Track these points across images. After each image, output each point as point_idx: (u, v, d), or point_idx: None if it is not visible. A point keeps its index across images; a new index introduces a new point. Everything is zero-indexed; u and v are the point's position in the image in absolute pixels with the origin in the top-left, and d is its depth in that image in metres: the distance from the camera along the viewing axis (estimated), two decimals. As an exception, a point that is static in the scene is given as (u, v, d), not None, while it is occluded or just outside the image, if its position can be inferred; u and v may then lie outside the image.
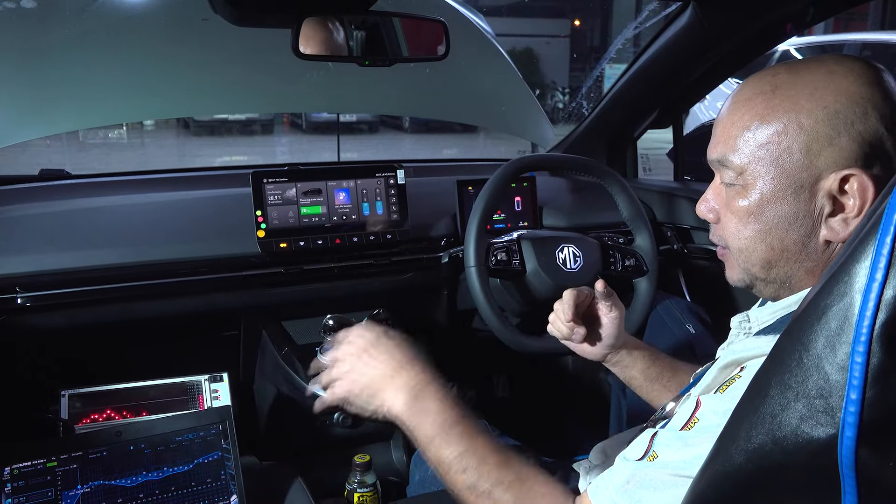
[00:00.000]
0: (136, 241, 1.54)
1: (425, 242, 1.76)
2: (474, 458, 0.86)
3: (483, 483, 0.85)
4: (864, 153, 0.72)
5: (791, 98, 0.75)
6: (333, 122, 10.30)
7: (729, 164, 0.80)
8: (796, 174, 0.75)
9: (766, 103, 0.77)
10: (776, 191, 0.76)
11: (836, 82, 0.74)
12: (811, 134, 0.74)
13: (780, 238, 0.78)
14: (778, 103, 0.76)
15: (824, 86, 0.74)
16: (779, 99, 0.76)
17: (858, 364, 0.46)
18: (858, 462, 0.46)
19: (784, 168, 0.75)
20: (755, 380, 0.57)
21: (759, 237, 0.79)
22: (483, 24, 2.17)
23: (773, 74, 0.78)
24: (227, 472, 1.24)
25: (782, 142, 0.75)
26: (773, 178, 0.76)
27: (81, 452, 1.18)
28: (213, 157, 10.91)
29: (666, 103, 1.99)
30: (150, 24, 1.85)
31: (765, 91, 0.77)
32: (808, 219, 0.76)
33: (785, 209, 0.76)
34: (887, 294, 0.45)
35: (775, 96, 0.76)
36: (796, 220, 0.76)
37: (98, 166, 8.69)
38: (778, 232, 0.78)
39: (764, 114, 0.76)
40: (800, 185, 0.75)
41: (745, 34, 1.62)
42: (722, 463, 0.58)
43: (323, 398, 1.06)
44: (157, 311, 1.55)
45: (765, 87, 0.78)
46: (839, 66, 0.75)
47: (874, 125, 0.72)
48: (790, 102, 0.75)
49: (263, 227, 1.58)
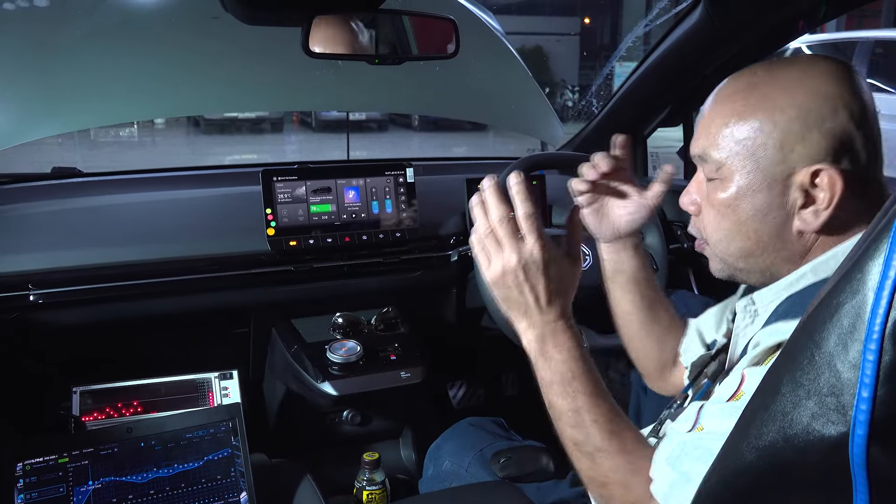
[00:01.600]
0: (146, 238, 1.55)
1: (434, 241, 1.77)
2: (587, 416, 0.85)
3: (588, 444, 0.85)
4: (834, 149, 0.76)
5: (767, 96, 0.79)
6: (343, 121, 10.31)
7: (709, 158, 0.83)
8: (770, 168, 0.79)
9: (743, 101, 0.81)
10: (752, 184, 0.80)
11: (808, 82, 0.78)
12: (784, 131, 0.77)
13: (755, 229, 0.82)
14: (755, 101, 0.80)
15: (797, 85, 0.78)
16: (755, 97, 0.80)
17: (870, 362, 0.46)
18: (870, 460, 0.46)
19: (759, 163, 0.79)
20: (767, 377, 0.57)
21: (736, 228, 0.83)
22: (493, 21, 2.17)
23: (752, 73, 0.83)
24: (236, 469, 1.25)
25: (758, 138, 0.79)
26: (749, 172, 0.80)
27: (93, 449, 1.19)
28: (223, 156, 10.95)
29: (676, 101, 1.98)
30: (161, 23, 1.86)
31: (742, 89, 0.82)
32: (781, 211, 0.80)
33: (760, 201, 0.80)
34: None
35: (752, 94, 0.80)
36: (770, 211, 0.80)
37: (109, 164, 8.73)
38: (753, 223, 0.82)
39: (741, 111, 0.80)
40: (774, 179, 0.79)
41: (756, 32, 1.61)
42: (733, 460, 0.57)
43: None
44: (168, 309, 1.56)
45: (742, 86, 0.82)
46: (812, 67, 0.80)
47: (844, 122, 0.76)
48: (766, 101, 0.79)
49: (273, 225, 1.58)
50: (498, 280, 0.87)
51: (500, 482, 1.26)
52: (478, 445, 1.35)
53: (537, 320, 0.87)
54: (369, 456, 1.54)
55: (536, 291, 0.86)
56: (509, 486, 1.25)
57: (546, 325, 0.87)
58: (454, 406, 2.14)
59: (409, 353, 1.64)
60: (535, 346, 0.88)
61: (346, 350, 1.58)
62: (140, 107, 2.09)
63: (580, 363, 0.87)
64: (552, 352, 0.87)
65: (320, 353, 1.59)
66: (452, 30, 1.37)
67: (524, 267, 0.85)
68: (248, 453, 1.26)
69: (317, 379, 1.55)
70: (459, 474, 1.32)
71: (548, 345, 0.87)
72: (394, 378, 1.58)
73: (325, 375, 1.55)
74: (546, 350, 0.87)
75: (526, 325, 0.88)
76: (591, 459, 0.85)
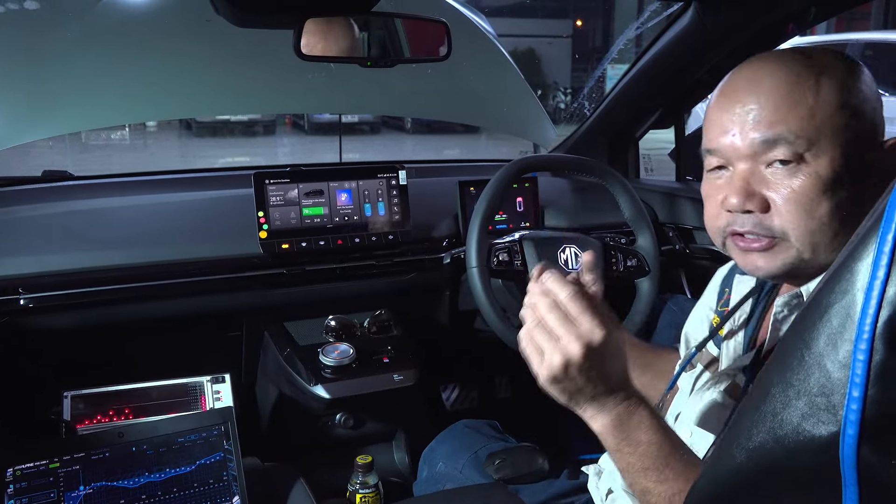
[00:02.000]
0: (138, 241, 1.54)
1: (427, 243, 1.77)
2: None
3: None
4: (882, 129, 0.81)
5: (836, 78, 0.79)
6: (335, 123, 10.28)
7: (791, 140, 0.78)
8: (869, 142, 0.79)
9: (817, 81, 0.78)
10: (849, 166, 0.77)
11: (845, 67, 0.80)
12: (863, 106, 0.79)
13: (849, 214, 0.77)
14: (830, 83, 0.78)
15: (843, 69, 0.80)
16: (828, 78, 0.79)
17: (860, 362, 0.46)
18: (860, 460, 0.46)
19: (855, 136, 0.78)
20: (758, 378, 0.57)
21: (833, 214, 0.77)
22: (485, 24, 2.17)
23: (798, 59, 0.81)
24: (229, 473, 1.25)
25: (844, 114, 0.78)
26: (845, 153, 0.77)
27: (84, 454, 1.18)
28: (215, 158, 10.92)
29: (668, 103, 1.99)
30: (153, 26, 1.86)
31: (810, 73, 0.79)
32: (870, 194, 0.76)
33: (855, 186, 0.77)
34: (889, 291, 0.45)
35: (822, 75, 0.79)
36: (862, 195, 0.77)
37: (100, 167, 8.70)
38: (849, 208, 0.77)
39: (822, 91, 0.78)
40: (867, 161, 0.78)
41: (746, 34, 1.62)
42: (723, 461, 0.57)
43: None
44: (160, 312, 1.55)
45: (801, 70, 0.80)
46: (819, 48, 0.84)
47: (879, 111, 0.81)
48: (835, 81, 0.78)
49: (265, 228, 1.58)
50: (560, 374, 0.75)
51: (494, 484, 1.26)
52: (472, 447, 1.35)
53: (609, 404, 0.77)
54: (362, 459, 1.53)
55: (605, 374, 0.76)
56: (503, 487, 1.25)
57: (619, 405, 0.77)
58: (447, 408, 2.14)
59: (402, 356, 1.64)
60: (613, 431, 0.77)
61: (338, 353, 1.58)
62: (131, 110, 2.09)
63: (669, 439, 0.77)
64: (637, 434, 0.77)
65: (313, 356, 1.58)
66: (444, 32, 1.38)
67: (588, 353, 0.74)
68: (240, 457, 1.26)
69: (309, 382, 1.54)
70: (454, 476, 1.32)
71: (629, 428, 0.77)
72: (387, 381, 1.58)
73: (318, 378, 1.54)
74: (629, 434, 0.77)
75: (596, 410, 0.78)
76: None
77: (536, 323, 0.76)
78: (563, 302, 0.75)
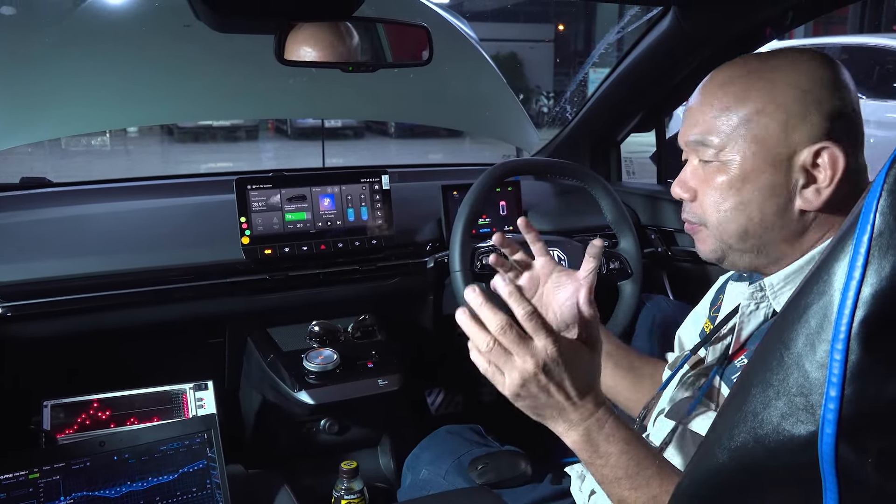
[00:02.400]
0: (119, 248, 1.53)
1: (411, 247, 1.76)
2: (666, 496, 0.76)
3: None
4: (833, 128, 0.80)
5: (766, 79, 0.83)
6: (319, 128, 10.28)
7: (709, 143, 0.85)
8: (774, 149, 0.82)
9: (743, 85, 0.84)
10: (756, 165, 0.83)
11: (802, 66, 0.82)
12: (787, 111, 0.81)
13: (758, 208, 0.84)
14: (755, 85, 0.83)
15: (793, 69, 0.82)
16: (755, 80, 0.83)
17: (837, 361, 0.46)
18: (838, 459, 0.46)
19: (763, 144, 0.82)
20: (739, 379, 0.58)
21: (740, 208, 0.85)
22: (467, 28, 2.18)
23: (745, 62, 0.86)
24: (212, 481, 1.24)
25: (760, 120, 0.82)
26: (752, 154, 0.83)
27: (64, 463, 1.17)
28: (197, 164, 10.86)
29: (649, 107, 2.01)
30: (132, 31, 1.84)
31: (741, 75, 0.85)
32: (784, 190, 0.82)
33: (763, 182, 0.83)
34: (865, 292, 0.46)
35: (751, 78, 0.84)
36: (774, 191, 0.83)
37: (81, 174, 8.60)
38: (757, 203, 0.84)
39: (742, 95, 0.83)
40: (777, 159, 0.82)
41: (725, 38, 1.63)
42: (706, 462, 0.58)
43: None
44: (141, 319, 1.54)
45: (739, 72, 0.85)
46: (801, 54, 0.84)
47: (839, 104, 0.81)
48: (766, 83, 0.82)
49: (248, 234, 1.57)
50: (520, 391, 0.79)
51: (478, 488, 1.26)
52: (455, 453, 1.35)
53: (576, 418, 0.80)
54: (347, 464, 1.53)
55: (565, 388, 0.79)
56: (487, 492, 1.25)
57: (587, 419, 0.80)
58: (432, 413, 2.13)
59: (387, 361, 1.63)
60: (584, 445, 0.81)
61: (322, 358, 1.58)
62: (112, 115, 2.07)
63: (639, 447, 0.81)
64: (606, 447, 0.80)
65: (297, 361, 1.58)
66: (426, 37, 1.38)
67: (544, 368, 0.77)
68: (223, 465, 1.25)
69: (293, 388, 1.53)
70: (437, 482, 1.31)
71: (598, 440, 0.80)
72: (371, 386, 1.57)
73: (302, 384, 1.54)
74: (598, 446, 0.80)
75: (565, 427, 0.81)
76: None
77: (491, 344, 0.79)
78: (520, 319, 0.78)
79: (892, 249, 0.45)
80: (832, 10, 1.53)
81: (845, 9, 13.31)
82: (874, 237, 0.45)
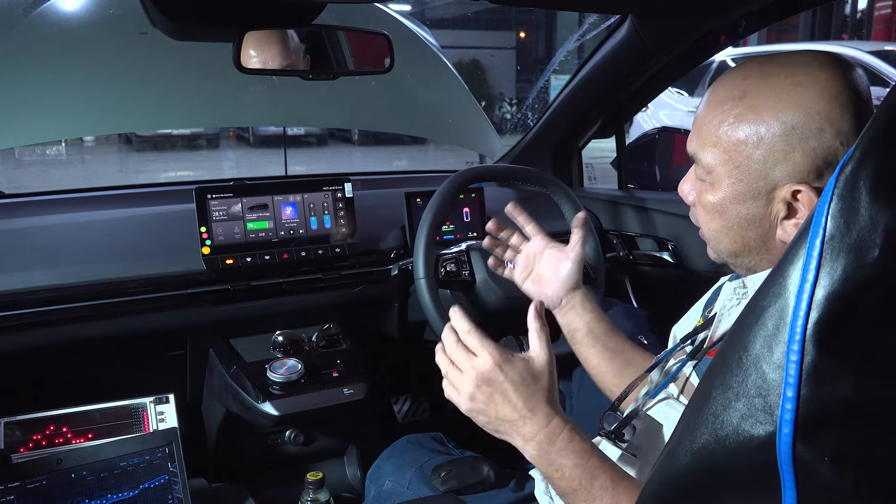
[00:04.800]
0: (76, 260, 1.50)
1: (375, 255, 1.76)
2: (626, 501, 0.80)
3: None
4: (817, 167, 0.76)
5: (755, 109, 0.79)
6: (281, 136, 10.18)
7: (700, 161, 0.85)
8: (754, 182, 0.80)
9: (732, 110, 0.81)
10: (737, 194, 0.82)
11: (797, 96, 0.76)
12: (769, 147, 0.78)
13: (741, 235, 0.84)
14: (743, 112, 0.80)
15: (786, 98, 0.77)
16: (744, 108, 0.80)
17: (793, 362, 0.47)
18: (796, 457, 0.47)
19: (744, 175, 0.81)
20: (700, 382, 0.59)
21: (724, 232, 0.86)
22: (428, 36, 2.18)
23: (745, 76, 0.81)
24: (174, 497, 1.21)
25: (743, 151, 0.80)
26: (734, 183, 0.82)
27: (19, 483, 1.13)
28: (157, 173, 10.67)
29: (609, 113, 2.03)
30: (87, 39, 1.81)
31: (733, 97, 0.81)
32: (765, 221, 0.82)
33: (744, 211, 0.82)
34: (818, 294, 0.47)
35: (741, 104, 0.80)
36: (755, 220, 0.82)
37: (36, 185, 8.40)
38: (739, 230, 0.84)
39: (731, 120, 0.81)
40: (757, 192, 0.80)
41: (681, 45, 1.66)
42: (669, 464, 0.59)
43: None
44: (99, 333, 1.50)
45: (734, 92, 0.81)
46: (806, 77, 0.77)
47: (828, 141, 0.75)
48: (754, 113, 0.79)
49: (208, 244, 1.55)
50: (472, 405, 0.85)
51: (444, 495, 1.25)
52: (417, 462, 1.34)
53: (528, 431, 0.83)
54: (313, 475, 1.51)
55: (510, 400, 0.83)
56: (454, 498, 1.25)
57: (540, 432, 0.82)
58: (399, 421, 2.12)
59: (352, 370, 1.62)
60: (540, 459, 0.83)
61: (286, 368, 1.56)
62: (68, 124, 2.03)
63: (592, 459, 0.82)
64: (560, 460, 0.82)
65: (260, 372, 1.56)
66: (387, 45, 1.38)
67: (485, 380, 0.83)
68: (185, 479, 1.23)
69: (257, 399, 1.52)
70: (401, 493, 1.31)
71: (552, 454, 0.82)
72: (336, 395, 1.56)
73: (266, 395, 1.52)
74: (552, 460, 0.82)
75: (522, 441, 0.84)
76: None
77: (446, 364, 0.87)
78: (461, 336, 0.86)
79: (843, 252, 0.46)
80: (782, 18, 1.56)
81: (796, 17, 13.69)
82: (826, 240, 0.47)
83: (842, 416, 0.47)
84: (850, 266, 0.46)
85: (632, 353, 1.17)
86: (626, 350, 1.17)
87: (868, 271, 0.46)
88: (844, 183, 0.46)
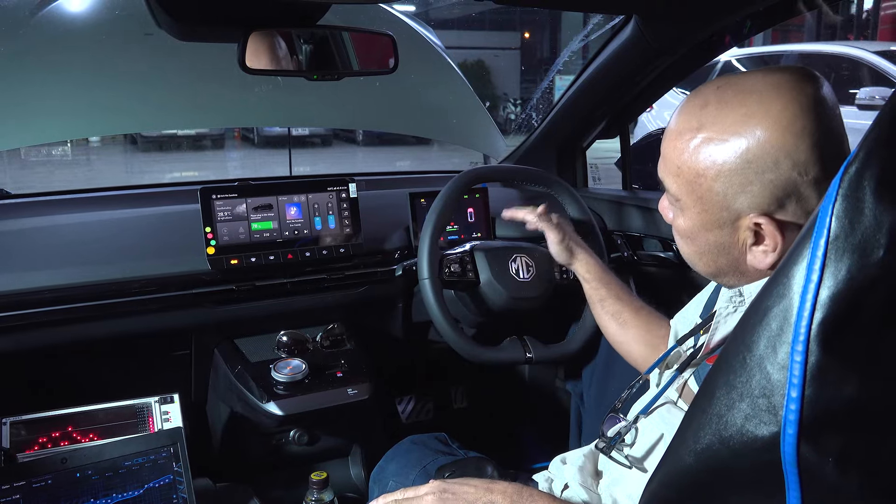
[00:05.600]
0: (82, 260, 1.50)
1: (379, 256, 1.76)
2: None
3: None
4: (777, 198, 0.76)
5: (711, 141, 0.78)
6: (286, 136, 10.21)
7: (668, 187, 0.86)
8: (717, 212, 0.80)
9: (690, 141, 0.80)
10: (704, 223, 0.82)
11: (750, 129, 0.75)
12: (727, 179, 0.77)
13: (713, 260, 0.85)
14: (700, 145, 0.79)
15: (741, 132, 0.76)
16: (701, 140, 0.79)
17: (798, 363, 0.47)
18: (800, 458, 0.47)
19: (707, 205, 0.81)
20: (704, 382, 0.59)
21: (697, 256, 0.87)
22: (433, 37, 2.19)
23: (703, 106, 0.80)
24: (179, 496, 1.21)
25: (703, 183, 0.80)
26: (699, 213, 0.82)
27: (24, 482, 1.14)
28: (161, 174, 10.70)
29: (613, 113, 2.03)
30: (92, 40, 1.81)
31: (692, 128, 0.80)
32: (733, 248, 0.82)
33: (713, 238, 0.83)
34: (823, 294, 0.47)
35: (699, 135, 0.79)
36: (724, 248, 0.83)
37: (41, 185, 8.43)
38: (710, 255, 0.85)
39: (690, 152, 0.80)
40: (722, 221, 0.81)
41: (685, 46, 1.66)
42: (673, 464, 0.59)
43: None
44: (104, 333, 1.51)
45: (692, 123, 0.80)
46: (759, 107, 0.75)
47: (786, 173, 0.74)
48: (711, 146, 0.78)
49: (213, 244, 1.55)
50: None
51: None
52: (421, 462, 1.34)
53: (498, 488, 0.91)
54: (317, 475, 1.51)
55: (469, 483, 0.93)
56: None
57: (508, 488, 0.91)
58: (403, 421, 2.13)
59: (356, 370, 1.62)
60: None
61: (291, 369, 1.56)
62: (74, 125, 2.03)
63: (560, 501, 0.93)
64: None
65: (265, 372, 1.56)
66: (392, 45, 1.38)
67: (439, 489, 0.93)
68: (190, 479, 1.23)
69: (262, 399, 1.52)
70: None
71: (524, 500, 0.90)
72: (341, 395, 1.56)
73: (271, 395, 1.52)
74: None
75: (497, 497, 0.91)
76: None
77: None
78: None
79: (847, 252, 0.46)
80: (787, 19, 1.56)
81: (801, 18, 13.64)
82: (830, 240, 0.47)
83: (846, 417, 0.47)
84: (854, 266, 0.46)
85: (637, 321, 1.29)
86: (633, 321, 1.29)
87: (872, 272, 0.46)
88: (849, 183, 0.46)
